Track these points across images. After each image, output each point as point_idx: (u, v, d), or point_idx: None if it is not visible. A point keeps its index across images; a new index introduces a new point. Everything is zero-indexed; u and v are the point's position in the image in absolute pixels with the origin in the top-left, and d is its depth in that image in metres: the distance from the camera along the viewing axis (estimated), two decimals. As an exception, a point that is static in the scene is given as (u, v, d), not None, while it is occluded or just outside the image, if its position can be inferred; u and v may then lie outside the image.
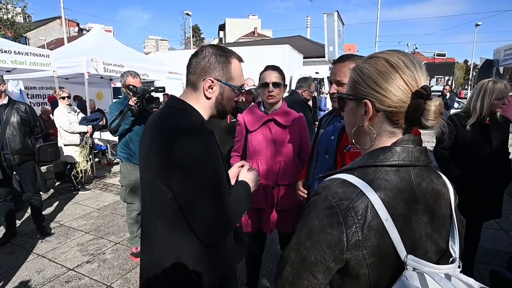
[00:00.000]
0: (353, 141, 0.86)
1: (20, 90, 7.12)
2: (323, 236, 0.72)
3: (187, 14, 31.34)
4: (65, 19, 22.19)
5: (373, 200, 0.70)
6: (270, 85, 2.13)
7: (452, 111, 9.70)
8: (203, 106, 1.22)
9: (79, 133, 5.22)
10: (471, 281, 0.71)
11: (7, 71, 5.86)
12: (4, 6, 20.17)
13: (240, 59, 1.26)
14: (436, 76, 29.97)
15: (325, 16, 12.41)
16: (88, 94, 6.60)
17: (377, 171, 0.75)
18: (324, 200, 0.74)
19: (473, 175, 2.47)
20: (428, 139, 10.25)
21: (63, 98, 5.06)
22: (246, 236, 2.79)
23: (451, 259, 0.76)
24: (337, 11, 12.51)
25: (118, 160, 3.82)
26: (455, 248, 0.78)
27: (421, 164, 0.77)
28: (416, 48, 46.27)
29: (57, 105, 6.26)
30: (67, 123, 5.04)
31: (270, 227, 2.25)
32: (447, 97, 8.74)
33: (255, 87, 5.08)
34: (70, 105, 5.28)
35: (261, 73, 2.22)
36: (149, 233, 1.22)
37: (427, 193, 0.77)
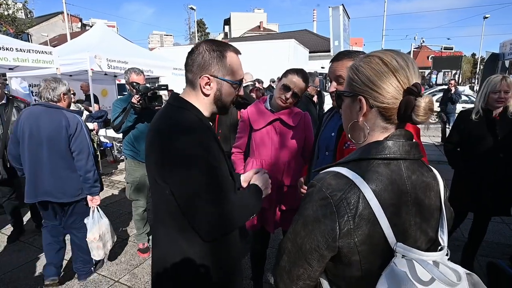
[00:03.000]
0: (349, 136, 0.90)
1: (28, 88, 7.14)
2: (317, 226, 0.77)
3: (192, 8, 31.22)
4: (68, 14, 22.12)
5: (365, 191, 0.74)
6: (291, 92, 2.06)
7: (459, 105, 9.56)
8: (203, 103, 1.22)
9: None
10: (458, 268, 0.75)
11: (10, 69, 5.86)
12: (4, 2, 20.07)
13: (237, 52, 1.23)
14: (443, 70, 29.54)
15: (330, 10, 12.34)
16: (93, 91, 6.61)
17: (369, 164, 0.79)
18: (318, 191, 0.78)
19: (483, 169, 2.51)
20: (434, 134, 10.18)
21: None
22: (251, 231, 2.80)
23: (439, 247, 0.80)
24: (342, 4, 12.40)
25: (124, 157, 3.84)
26: (443, 237, 0.82)
27: (411, 157, 0.80)
28: (423, 41, 45.59)
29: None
30: None
31: (274, 227, 2.26)
32: (452, 91, 8.52)
33: (252, 82, 5.04)
34: (74, 102, 5.28)
35: (289, 72, 2.12)
36: (156, 229, 1.25)
37: (417, 185, 0.81)
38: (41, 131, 2.48)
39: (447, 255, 0.78)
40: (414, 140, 0.83)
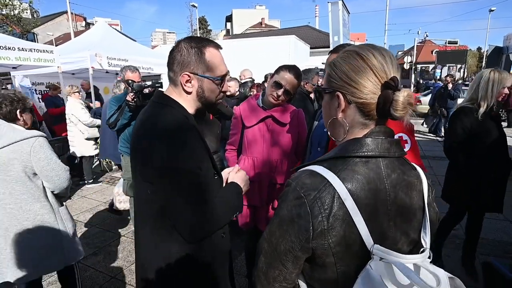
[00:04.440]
0: (329, 133, 0.88)
1: (29, 86, 7.20)
2: (292, 226, 0.74)
3: (193, 6, 31.15)
4: (72, 13, 22.24)
5: (340, 190, 0.71)
6: (282, 89, 2.01)
7: (460, 101, 9.38)
8: (186, 101, 1.19)
9: (97, 126, 5.29)
10: (439, 271, 0.72)
11: (13, 68, 5.92)
12: (10, 2, 20.16)
13: (218, 47, 1.20)
14: (448, 65, 29.20)
15: (329, 5, 12.18)
16: (95, 89, 6.63)
17: (346, 162, 0.76)
18: (293, 191, 0.76)
19: (483, 167, 2.47)
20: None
21: (74, 93, 5.12)
22: (245, 229, 2.79)
23: (421, 250, 0.77)
24: (342, -1, 12.22)
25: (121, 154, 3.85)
26: (426, 239, 0.79)
27: (391, 155, 0.77)
28: (426, 36, 45.00)
29: (51, 103, 6.37)
30: (88, 117, 5.12)
31: (266, 225, 2.22)
32: (450, 88, 8.29)
33: (251, 79, 5.00)
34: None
35: (281, 68, 2.07)
36: (139, 229, 1.23)
37: (397, 184, 0.77)
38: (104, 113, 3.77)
39: (429, 257, 0.75)
40: (395, 137, 0.79)
